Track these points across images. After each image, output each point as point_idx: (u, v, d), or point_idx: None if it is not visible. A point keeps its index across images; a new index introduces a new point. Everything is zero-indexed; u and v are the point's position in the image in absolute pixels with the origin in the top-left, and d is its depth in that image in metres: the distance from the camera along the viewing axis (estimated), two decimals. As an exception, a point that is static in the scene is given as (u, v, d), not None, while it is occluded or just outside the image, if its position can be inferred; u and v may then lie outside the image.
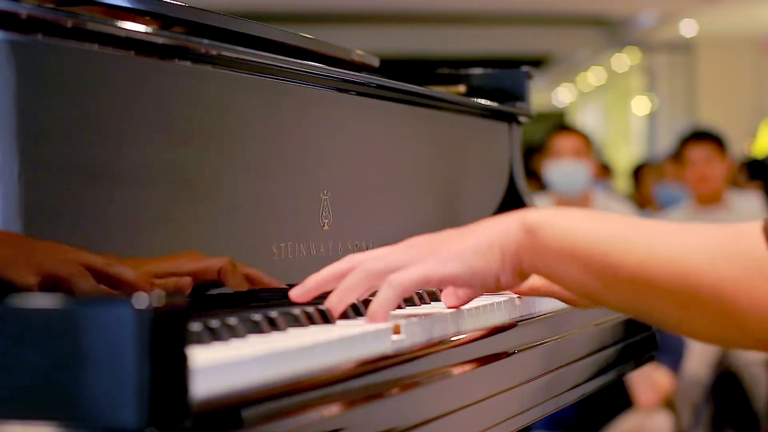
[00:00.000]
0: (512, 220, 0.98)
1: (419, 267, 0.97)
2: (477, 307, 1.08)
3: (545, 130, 5.02)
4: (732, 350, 4.02)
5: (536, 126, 4.97)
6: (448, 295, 1.07)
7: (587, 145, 4.23)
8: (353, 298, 0.99)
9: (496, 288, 0.99)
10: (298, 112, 1.19)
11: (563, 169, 4.37)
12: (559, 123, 4.83)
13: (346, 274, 0.98)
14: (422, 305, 1.14)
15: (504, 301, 1.15)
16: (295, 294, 1.00)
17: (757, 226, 0.89)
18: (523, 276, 0.99)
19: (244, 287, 1.07)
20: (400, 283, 0.96)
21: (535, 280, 1.12)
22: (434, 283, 0.98)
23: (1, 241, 0.84)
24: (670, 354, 3.47)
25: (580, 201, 4.00)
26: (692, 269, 0.89)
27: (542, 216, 0.96)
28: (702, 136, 4.55)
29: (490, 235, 0.98)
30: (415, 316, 1.00)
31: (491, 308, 1.11)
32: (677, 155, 4.69)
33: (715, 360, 3.98)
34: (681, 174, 4.80)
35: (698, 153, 4.42)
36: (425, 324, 0.99)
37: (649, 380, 3.42)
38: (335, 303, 0.98)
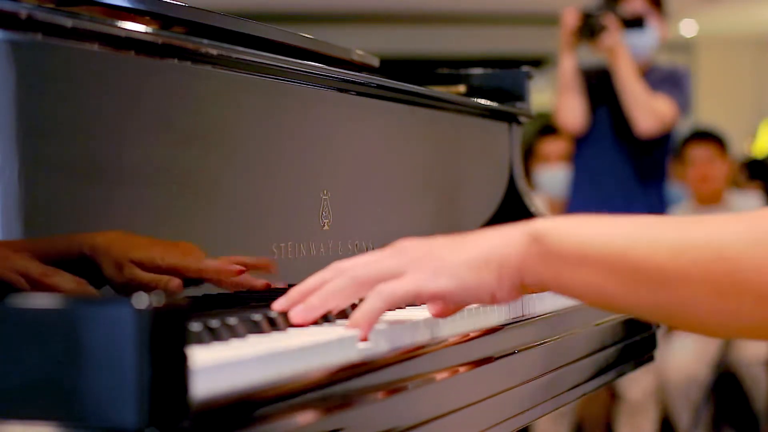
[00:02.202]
0: (515, 231, 0.92)
1: (410, 279, 0.91)
2: (477, 307, 1.08)
3: (533, 131, 4.99)
4: (732, 350, 4.02)
5: (536, 126, 4.97)
6: (433, 306, 0.99)
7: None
8: (335, 304, 0.94)
9: (490, 303, 0.94)
10: (298, 112, 1.19)
11: (551, 173, 4.40)
12: (544, 125, 4.81)
13: None
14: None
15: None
16: (278, 305, 0.94)
17: None
18: (522, 290, 0.94)
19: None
20: (390, 294, 0.91)
21: None
22: (425, 298, 0.93)
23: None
24: None
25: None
26: (730, 253, 0.84)
27: (550, 223, 0.91)
28: (703, 136, 4.55)
29: (488, 249, 0.92)
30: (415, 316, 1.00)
31: (491, 308, 1.11)
32: (678, 155, 4.69)
33: (715, 360, 3.98)
34: (682, 174, 4.80)
35: (699, 153, 4.42)
36: (427, 323, 0.99)
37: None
38: (316, 306, 0.93)
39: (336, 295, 0.93)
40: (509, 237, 0.92)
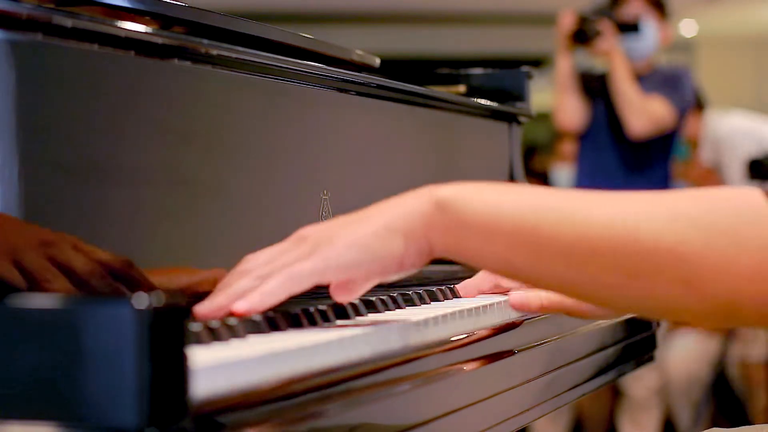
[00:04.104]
0: (418, 198, 0.89)
1: (317, 258, 0.88)
2: (477, 308, 1.08)
3: (547, 130, 5.01)
4: (732, 349, 4.02)
5: (536, 126, 4.97)
6: (338, 291, 0.93)
7: None
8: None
9: (397, 271, 0.90)
10: (298, 112, 1.19)
11: (566, 172, 4.45)
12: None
13: None
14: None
15: (504, 301, 1.15)
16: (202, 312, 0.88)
17: (748, 192, 0.82)
18: (432, 256, 0.90)
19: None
20: (296, 275, 0.88)
21: (543, 301, 1.08)
22: (332, 274, 0.89)
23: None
24: None
25: None
26: (645, 233, 0.81)
27: (456, 190, 0.88)
28: (706, 136, 4.55)
29: (391, 218, 0.88)
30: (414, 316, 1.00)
31: (491, 309, 1.11)
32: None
33: (715, 360, 3.98)
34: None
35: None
36: (427, 323, 0.99)
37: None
38: (223, 307, 0.88)
39: (233, 298, 0.89)
40: (414, 205, 0.89)
